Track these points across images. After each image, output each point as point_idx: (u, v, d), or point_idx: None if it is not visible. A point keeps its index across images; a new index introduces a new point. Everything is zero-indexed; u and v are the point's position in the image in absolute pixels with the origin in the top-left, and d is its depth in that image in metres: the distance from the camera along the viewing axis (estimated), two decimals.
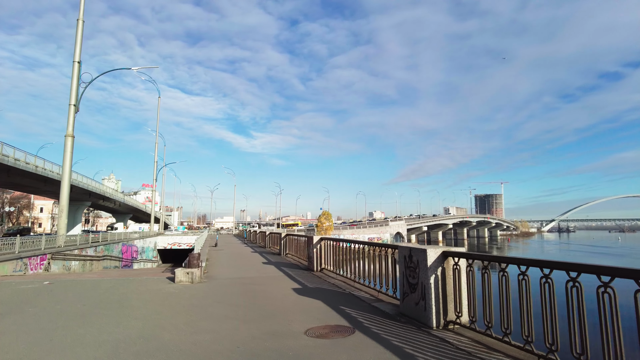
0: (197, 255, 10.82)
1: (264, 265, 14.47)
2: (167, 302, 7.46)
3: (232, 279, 10.88)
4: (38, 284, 9.65)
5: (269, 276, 11.28)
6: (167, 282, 10.17)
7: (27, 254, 14.81)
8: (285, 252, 18.36)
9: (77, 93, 20.58)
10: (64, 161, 19.32)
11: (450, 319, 5.41)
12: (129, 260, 32.30)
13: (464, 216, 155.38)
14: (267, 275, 11.41)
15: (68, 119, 20.03)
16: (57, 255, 17.26)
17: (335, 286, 9.10)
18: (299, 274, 11.54)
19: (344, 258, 10.51)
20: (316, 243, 12.15)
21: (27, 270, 14.44)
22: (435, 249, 5.61)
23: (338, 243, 11.00)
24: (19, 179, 38.30)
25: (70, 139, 19.90)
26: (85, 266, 20.66)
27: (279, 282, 10.09)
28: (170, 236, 48.14)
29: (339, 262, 10.63)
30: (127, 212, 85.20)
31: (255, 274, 11.77)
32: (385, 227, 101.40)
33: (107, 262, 25.50)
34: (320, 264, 12.03)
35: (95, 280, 10.40)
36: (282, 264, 14.27)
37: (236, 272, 12.43)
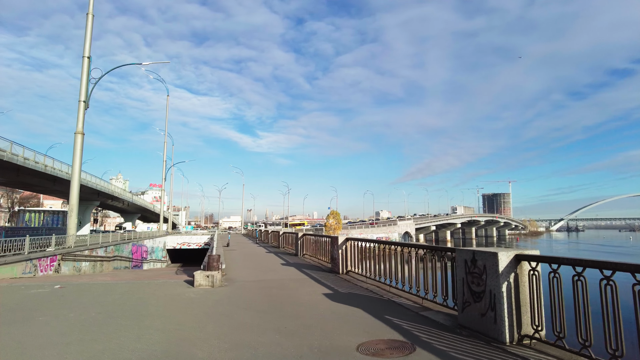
0: (216, 257, 10.12)
1: (283, 266, 13.75)
2: (189, 310, 6.73)
3: (254, 281, 10.15)
4: (49, 288, 9.00)
5: (293, 279, 10.54)
6: (185, 285, 9.46)
7: (36, 255, 14.22)
8: (302, 252, 17.63)
9: (87, 89, 20.01)
10: (74, 159, 18.74)
11: (525, 332, 4.63)
12: (139, 260, 31.76)
13: (473, 215, 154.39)
14: (290, 278, 10.67)
15: (78, 115, 19.46)
16: (68, 256, 16.68)
17: (369, 291, 8.35)
18: (324, 276, 10.80)
19: (376, 260, 9.75)
20: (341, 244, 11.38)
21: (37, 272, 13.85)
22: (507, 252, 4.82)
23: (366, 244, 10.24)
24: (28, 178, 37.99)
25: (80, 136, 19.32)
26: (96, 267, 20.08)
27: (305, 285, 9.35)
28: (180, 236, 47.63)
29: (370, 264, 9.85)
30: (136, 211, 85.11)
31: (277, 277, 11.03)
32: (393, 226, 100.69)
33: (118, 262, 24.94)
34: (346, 266, 11.27)
35: (108, 284, 9.73)
36: (302, 266, 13.54)
37: (256, 274, 11.70)
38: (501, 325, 4.65)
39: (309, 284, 9.52)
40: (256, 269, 13.17)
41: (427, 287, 6.89)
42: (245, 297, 7.94)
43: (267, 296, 7.99)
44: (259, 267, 13.55)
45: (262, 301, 7.47)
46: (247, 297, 7.87)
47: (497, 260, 4.75)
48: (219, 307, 6.93)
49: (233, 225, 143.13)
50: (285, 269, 13.02)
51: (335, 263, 11.62)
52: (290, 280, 10.35)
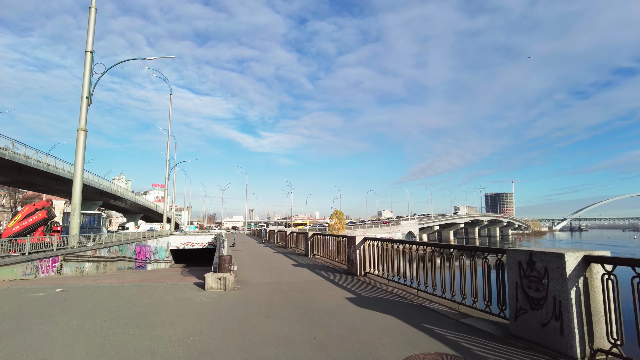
0: (228, 258, 9.50)
1: (296, 267, 13.13)
2: (204, 317, 6.12)
3: (267, 284, 9.53)
4: (50, 292, 8.41)
5: (309, 281, 9.93)
6: (195, 289, 8.86)
7: (38, 255, 13.64)
8: (313, 253, 17.02)
9: (90, 84, 19.43)
10: (77, 156, 18.18)
11: (599, 346, 4.00)
12: (143, 261, 31.20)
13: (476, 215, 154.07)
14: (306, 280, 10.06)
15: (80, 112, 18.89)
16: (70, 257, 16.11)
17: (396, 295, 7.73)
18: (342, 278, 10.18)
19: (399, 261, 9.13)
20: (359, 244, 10.76)
21: (39, 274, 13.28)
22: (575, 253, 4.19)
23: (387, 244, 9.61)
24: (30, 177, 37.52)
25: (83, 133, 18.75)
26: (99, 268, 19.52)
27: (324, 289, 8.73)
28: (183, 236, 47.05)
29: (392, 266, 9.22)
30: (138, 211, 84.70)
31: (291, 279, 10.41)
32: (397, 226, 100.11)
33: (121, 263, 24.37)
34: (364, 267, 10.65)
35: (113, 287, 9.12)
36: (315, 267, 12.93)
37: (268, 276, 11.08)
38: (570, 338, 4.02)
39: (328, 287, 8.90)
40: (267, 270, 12.56)
41: (463, 290, 6.27)
42: (263, 302, 7.32)
43: (286, 301, 7.38)
44: (270, 268, 12.93)
45: (282, 306, 6.86)
46: (265, 302, 7.25)
47: (563, 263, 4.13)
48: (236, 314, 6.32)
49: (235, 225, 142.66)
50: (298, 270, 12.40)
51: (353, 264, 11.01)
52: (307, 282, 9.74)
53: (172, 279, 11.23)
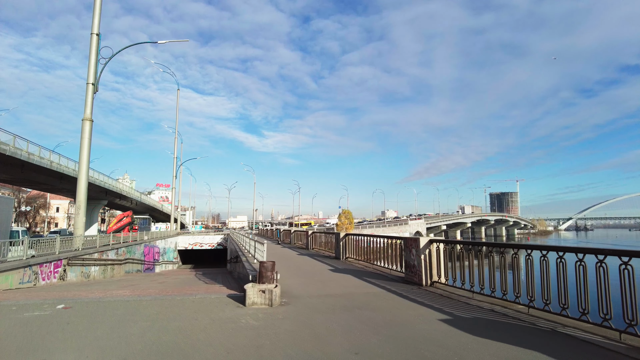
0: (270, 265, 7.64)
1: (336, 273, 11.27)
2: (266, 354, 4.26)
3: (318, 297, 7.68)
4: (49, 309, 6.59)
5: (367, 293, 8.07)
6: (232, 304, 7.03)
7: (38, 260, 11.85)
8: (346, 255, 15.16)
9: (96, 70, 17.66)
10: (81, 148, 16.41)
11: None
12: (151, 262, 29.46)
13: (483, 215, 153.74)
14: (364, 292, 8.19)
15: (86, 99, 17.13)
16: (75, 260, 14.35)
17: (499, 314, 5.93)
18: (406, 289, 8.34)
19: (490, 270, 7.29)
20: (424, 247, 8.88)
21: (38, 281, 11.51)
22: None
23: (460, 247, 7.74)
24: (33, 175, 35.82)
25: (88, 123, 16.98)
26: (107, 272, 17.76)
27: (397, 305, 6.87)
28: (191, 236, 45.32)
29: (477, 275, 7.34)
30: (144, 211, 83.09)
31: (342, 289, 8.55)
32: (404, 225, 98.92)
33: (130, 265, 22.62)
34: (431, 275, 8.78)
35: (128, 302, 7.28)
36: (359, 273, 11.08)
37: (311, 285, 9.22)
38: None
39: (400, 303, 7.04)
40: (304, 276, 10.69)
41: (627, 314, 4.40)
42: (334, 327, 5.46)
43: (363, 324, 5.52)
44: (307, 274, 11.07)
45: (366, 335, 4.99)
46: (337, 327, 5.39)
47: None
48: (310, 347, 4.46)
49: (239, 225, 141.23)
50: (341, 277, 10.54)
51: (414, 271, 9.13)
52: (366, 295, 7.88)
53: (195, 289, 9.40)
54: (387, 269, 11.39)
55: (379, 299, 7.41)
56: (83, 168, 16.42)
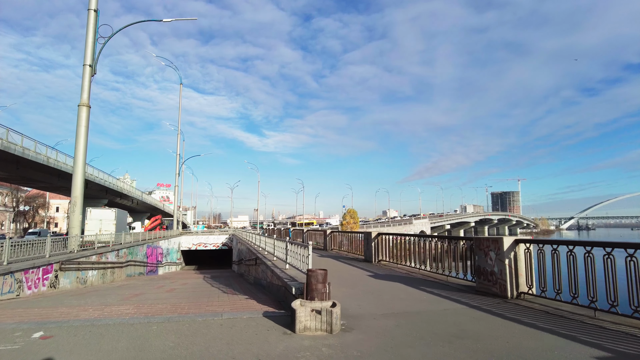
0: (322, 275, 5.72)
1: (381, 281, 9.36)
2: None
3: (387, 317, 5.77)
4: (22, 340, 4.67)
5: (447, 310, 6.19)
6: (275, 329, 5.13)
7: (23, 265, 9.92)
8: (378, 258, 13.26)
9: (94, 51, 15.76)
10: (78, 136, 14.49)
11: None
12: (154, 264, 27.53)
13: (486, 214, 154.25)
14: (441, 308, 6.29)
15: (82, 83, 15.21)
16: (69, 264, 12.44)
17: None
18: (492, 304, 6.47)
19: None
20: (509, 249, 6.98)
21: (23, 290, 9.62)
22: None
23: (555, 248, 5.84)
24: (30, 172, 33.94)
25: (85, 110, 15.06)
26: (106, 276, 15.85)
27: (499, 328, 5.00)
28: (195, 236, 43.42)
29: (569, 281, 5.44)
30: (145, 210, 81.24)
31: (408, 305, 6.63)
32: (409, 225, 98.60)
33: (131, 268, 20.71)
34: (517, 285, 6.87)
35: (133, 325, 5.35)
36: (410, 280, 9.19)
37: (363, 299, 7.30)
38: None
39: (502, 325, 5.15)
40: (345, 286, 8.73)
41: None
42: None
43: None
44: (347, 283, 9.13)
45: None
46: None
47: None
48: None
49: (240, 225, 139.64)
50: (392, 286, 8.61)
51: (492, 280, 7.23)
52: (444, 313, 5.99)
53: (217, 302, 7.49)
54: (442, 276, 9.48)
55: (469, 319, 5.50)
56: (79, 159, 14.51)
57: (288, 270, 8.34)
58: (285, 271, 8.28)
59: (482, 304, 6.47)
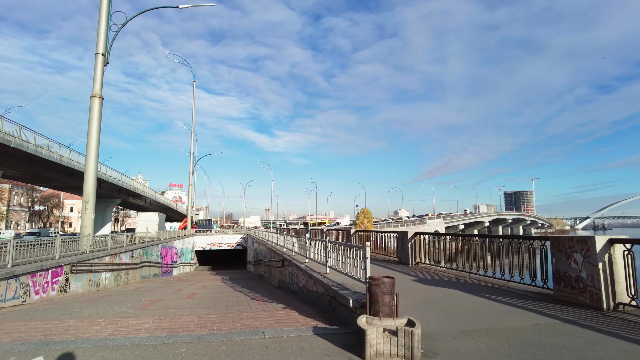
0: (389, 284, 4.56)
1: (432, 287, 8.16)
2: None
3: (471, 337, 4.59)
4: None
5: (537, 324, 5.00)
6: (336, 353, 4.02)
7: (30, 267, 8.95)
8: (416, 260, 12.06)
9: (107, 39, 14.84)
10: (90, 130, 13.58)
11: None
12: (169, 265, 26.65)
13: (501, 214, 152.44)
14: (530, 324, 5.09)
15: (95, 73, 14.31)
16: (80, 266, 11.49)
17: None
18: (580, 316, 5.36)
19: None
20: (602, 251, 5.76)
21: (30, 296, 8.67)
22: None
23: None
24: (43, 171, 33.41)
25: (98, 101, 14.14)
26: (120, 278, 14.92)
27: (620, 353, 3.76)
28: (209, 236, 42.59)
29: None
30: (157, 210, 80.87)
31: (486, 320, 5.43)
32: (424, 225, 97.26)
33: (146, 269, 19.81)
34: (614, 294, 5.65)
35: (155, 347, 4.24)
36: (464, 285, 8.01)
37: (426, 311, 6.12)
38: None
39: (628, 349, 3.92)
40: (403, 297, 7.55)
41: None
42: None
43: None
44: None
45: None
46: None
47: None
48: None
49: (252, 225, 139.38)
50: (450, 294, 7.40)
51: (580, 287, 6.04)
52: (535, 329, 4.81)
53: (252, 314, 6.38)
54: (500, 280, 8.26)
55: (580, 341, 4.29)
56: (91, 154, 13.59)
57: (330, 275, 7.20)
58: (327, 276, 7.14)
59: (577, 318, 5.26)
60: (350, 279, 6.03)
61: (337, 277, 6.82)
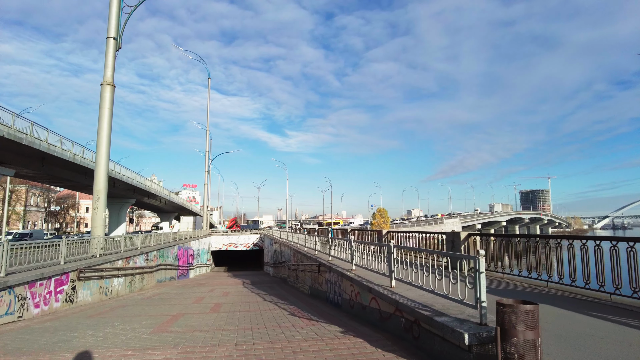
0: (532, 312, 2.98)
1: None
2: None
3: None
4: None
5: None
6: None
7: (26, 276, 7.58)
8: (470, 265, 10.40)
9: (119, 21, 13.56)
10: (101, 119, 12.28)
11: None
12: (185, 267, 25.42)
13: (518, 213, 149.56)
14: None
15: (106, 58, 13.04)
16: (90, 272, 10.18)
17: None
18: None
19: None
20: None
21: (28, 310, 7.33)
22: None
23: None
24: (56, 170, 32.58)
25: (109, 89, 12.86)
26: (134, 283, 13.63)
27: None
28: (225, 236, 41.44)
29: None
30: (172, 210, 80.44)
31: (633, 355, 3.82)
32: (440, 225, 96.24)
33: (162, 273, 18.55)
34: None
35: None
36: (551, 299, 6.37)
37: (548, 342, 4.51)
38: None
39: None
40: None
41: None
42: None
43: None
44: None
45: None
46: None
47: None
48: None
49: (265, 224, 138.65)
50: (550, 313, 5.79)
51: None
52: None
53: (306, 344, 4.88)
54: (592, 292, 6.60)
55: None
56: (103, 146, 12.28)
57: (400, 290, 5.65)
58: (395, 291, 5.59)
59: None
60: (440, 298, 4.51)
61: (411, 292, 5.28)
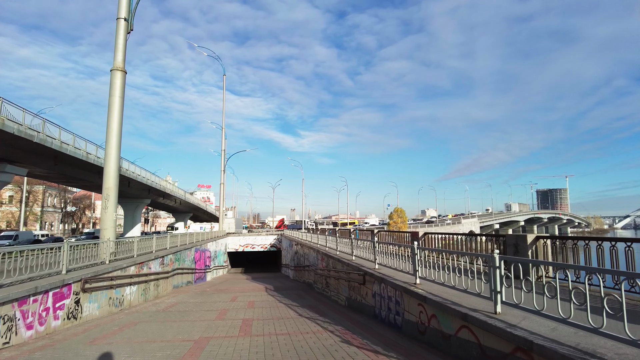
0: None
1: None
2: None
3: None
4: None
5: None
6: None
7: (14, 291, 6.12)
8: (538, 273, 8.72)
9: (130, 1, 12.20)
10: (111, 109, 10.95)
11: None
12: (202, 270, 24.14)
13: (536, 212, 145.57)
14: None
15: (116, 41, 11.71)
16: (97, 282, 8.79)
17: None
18: None
19: None
20: None
21: (17, 332, 5.94)
22: None
23: None
24: (69, 169, 31.70)
25: (120, 75, 11.55)
26: (148, 291, 12.27)
27: None
28: (242, 237, 40.24)
29: None
30: (187, 210, 79.84)
31: None
32: (458, 225, 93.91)
33: (178, 278, 17.24)
34: None
35: None
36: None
37: None
38: None
39: None
40: None
41: None
42: None
43: None
44: None
45: None
46: None
47: None
48: None
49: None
50: None
51: None
52: None
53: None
54: None
55: None
56: (113, 138, 10.97)
57: (510, 317, 4.06)
58: (506, 319, 4.01)
59: None
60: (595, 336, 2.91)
61: (537, 326, 3.70)
